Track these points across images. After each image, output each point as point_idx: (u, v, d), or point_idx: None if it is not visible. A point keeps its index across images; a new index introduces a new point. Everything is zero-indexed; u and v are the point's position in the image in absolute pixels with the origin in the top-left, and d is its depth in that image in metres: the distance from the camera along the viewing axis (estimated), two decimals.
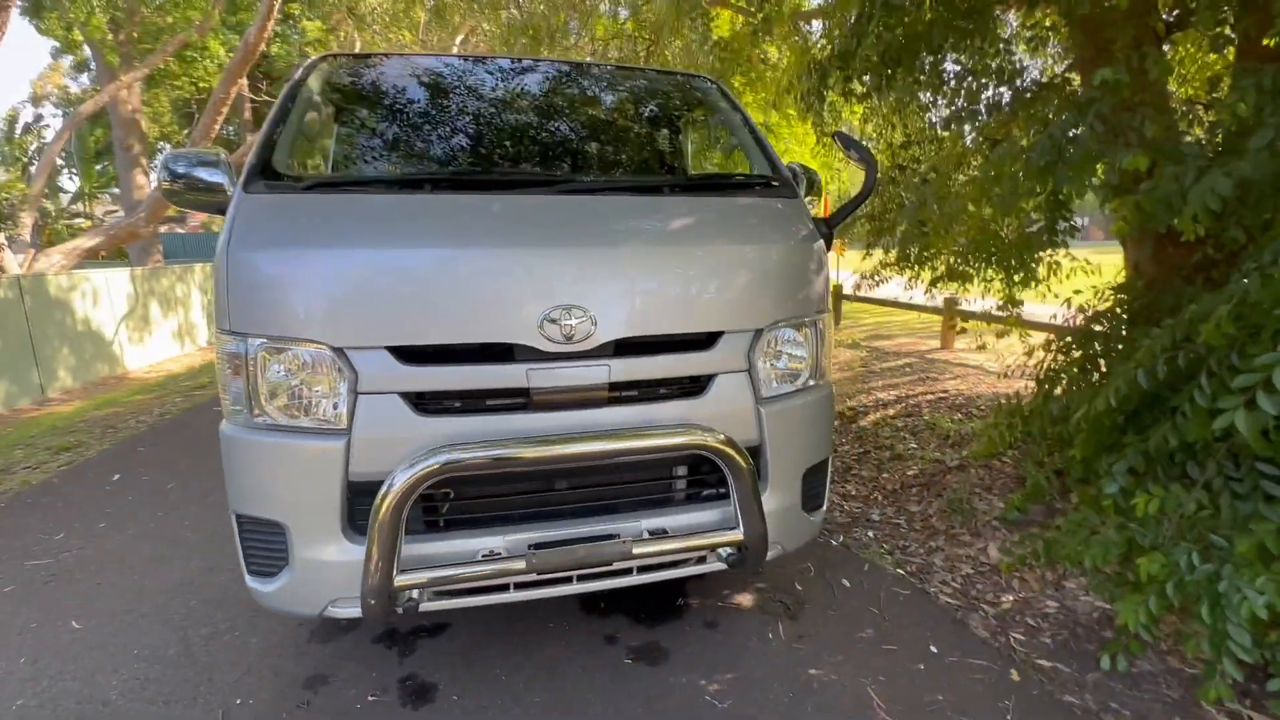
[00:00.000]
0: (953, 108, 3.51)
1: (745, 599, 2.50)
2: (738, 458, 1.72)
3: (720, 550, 1.83)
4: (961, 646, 2.23)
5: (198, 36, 14.02)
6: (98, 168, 23.81)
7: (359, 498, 1.66)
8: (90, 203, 25.45)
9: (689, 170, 2.73)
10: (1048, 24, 3.51)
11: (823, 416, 2.05)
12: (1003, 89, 3.32)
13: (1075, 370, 3.02)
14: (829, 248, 2.08)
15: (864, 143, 5.05)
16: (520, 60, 2.51)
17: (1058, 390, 3.08)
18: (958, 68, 3.40)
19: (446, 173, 2.05)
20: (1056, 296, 3.78)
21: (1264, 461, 2.08)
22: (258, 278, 1.62)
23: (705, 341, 1.82)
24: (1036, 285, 3.48)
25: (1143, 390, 2.34)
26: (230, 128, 18.99)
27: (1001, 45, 3.18)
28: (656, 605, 2.44)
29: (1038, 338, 3.99)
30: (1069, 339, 3.19)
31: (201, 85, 17.08)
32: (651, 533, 1.79)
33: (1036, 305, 4.00)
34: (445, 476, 1.55)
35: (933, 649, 2.21)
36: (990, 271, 3.57)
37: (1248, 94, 2.26)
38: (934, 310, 7.61)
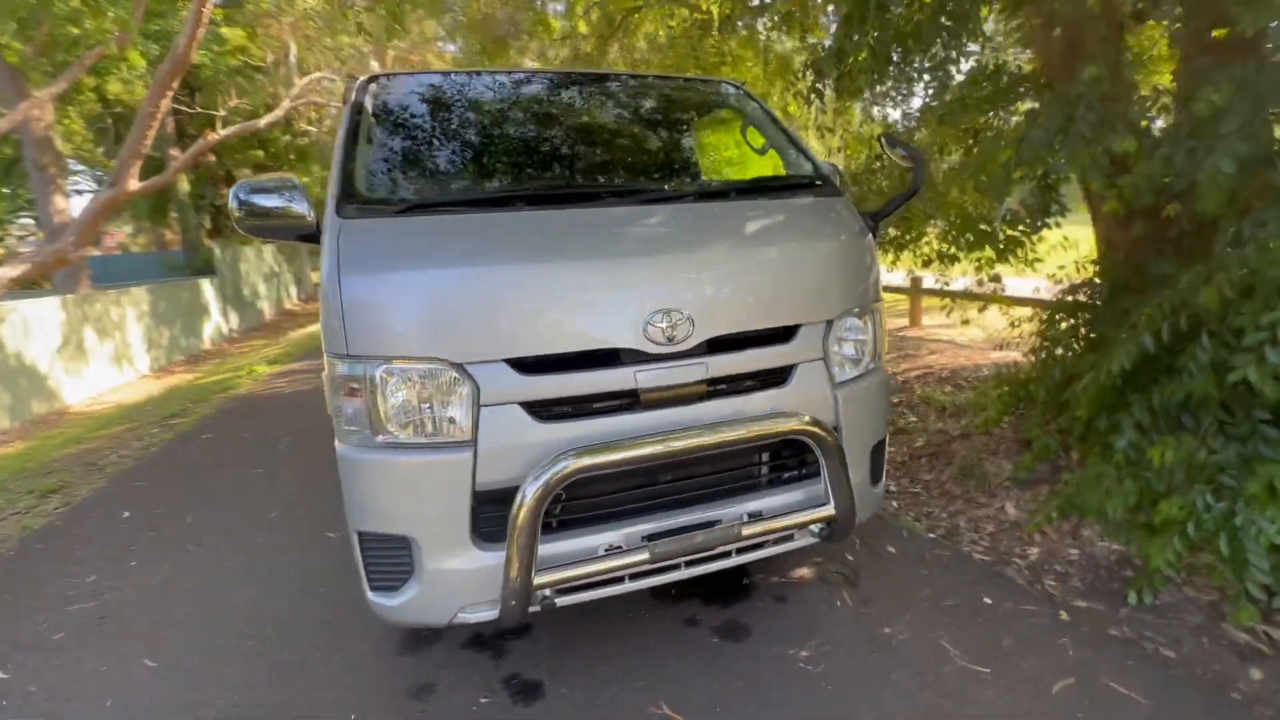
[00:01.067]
0: (937, 101, 3.75)
1: (805, 573, 2.66)
2: (829, 439, 1.87)
3: (812, 526, 1.97)
4: (1010, 596, 2.45)
5: (117, 49, 13.28)
6: (5, 190, 22.18)
7: (483, 506, 1.73)
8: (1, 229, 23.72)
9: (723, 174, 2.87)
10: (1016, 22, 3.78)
11: (883, 396, 2.22)
12: (985, 83, 3.58)
13: (1070, 338, 3.31)
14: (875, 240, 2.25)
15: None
16: (562, 73, 2.58)
17: (1058, 353, 3.35)
18: (939, 63, 3.63)
19: (530, 189, 2.11)
20: (1036, 271, 4.10)
21: (1261, 409, 2.36)
22: (375, 302, 1.67)
23: (786, 334, 1.96)
24: (1031, 263, 3.77)
25: (1145, 353, 2.59)
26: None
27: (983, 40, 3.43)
28: (724, 587, 2.57)
29: (1018, 311, 4.32)
30: (1055, 312, 3.48)
31: (118, 99, 16.17)
32: (750, 516, 1.93)
33: (1015, 279, 4.31)
34: (578, 478, 1.64)
35: (986, 600, 2.42)
36: (978, 251, 3.83)
37: (1223, 86, 2.53)
38: (898, 289, 7.99)
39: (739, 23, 8.30)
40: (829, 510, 1.93)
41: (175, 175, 13.95)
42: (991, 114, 3.94)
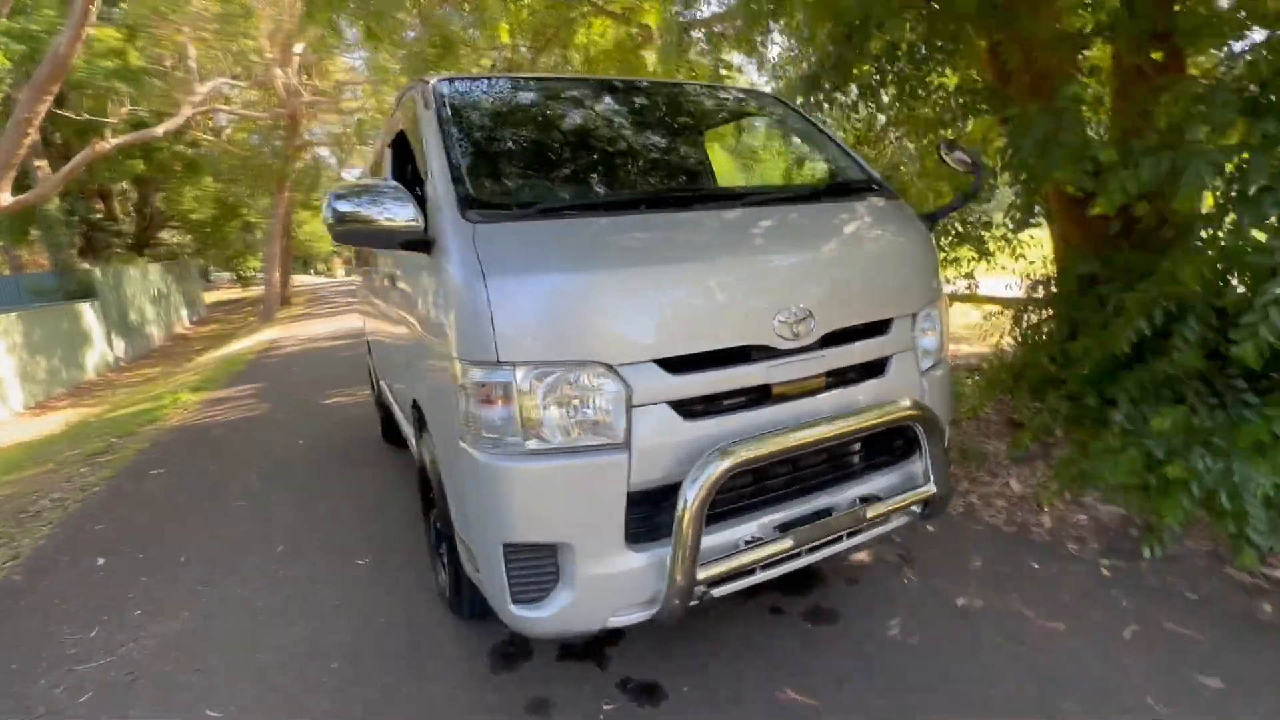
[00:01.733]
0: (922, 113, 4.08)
1: (862, 557, 2.80)
2: (935, 422, 2.01)
3: (914, 506, 2.11)
4: (1050, 559, 2.70)
5: None
6: None
7: (634, 507, 1.73)
8: None
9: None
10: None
11: (950, 383, 2.41)
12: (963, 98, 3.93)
13: (1053, 326, 3.68)
14: None
15: None
16: (629, 80, 2.61)
17: (1043, 340, 3.72)
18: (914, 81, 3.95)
19: (639, 193, 2.13)
20: (1004, 269, 4.51)
21: (1239, 379, 2.74)
22: (527, 305, 1.65)
23: (883, 327, 2.09)
24: (1017, 257, 4.15)
25: (1140, 334, 2.94)
26: None
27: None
28: (794, 576, 2.65)
29: (991, 307, 4.74)
30: (1038, 305, 3.87)
31: None
32: (863, 499, 2.03)
33: (986, 279, 4.72)
34: (735, 472, 1.68)
35: (1034, 565, 2.66)
36: (960, 251, 4.18)
37: (1183, 99, 2.93)
38: None
39: (690, 34, 8.53)
40: (930, 489, 2.08)
41: (55, 189, 12.53)
42: (957, 123, 4.33)
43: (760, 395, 1.87)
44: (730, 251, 1.87)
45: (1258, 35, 3.07)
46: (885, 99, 3.90)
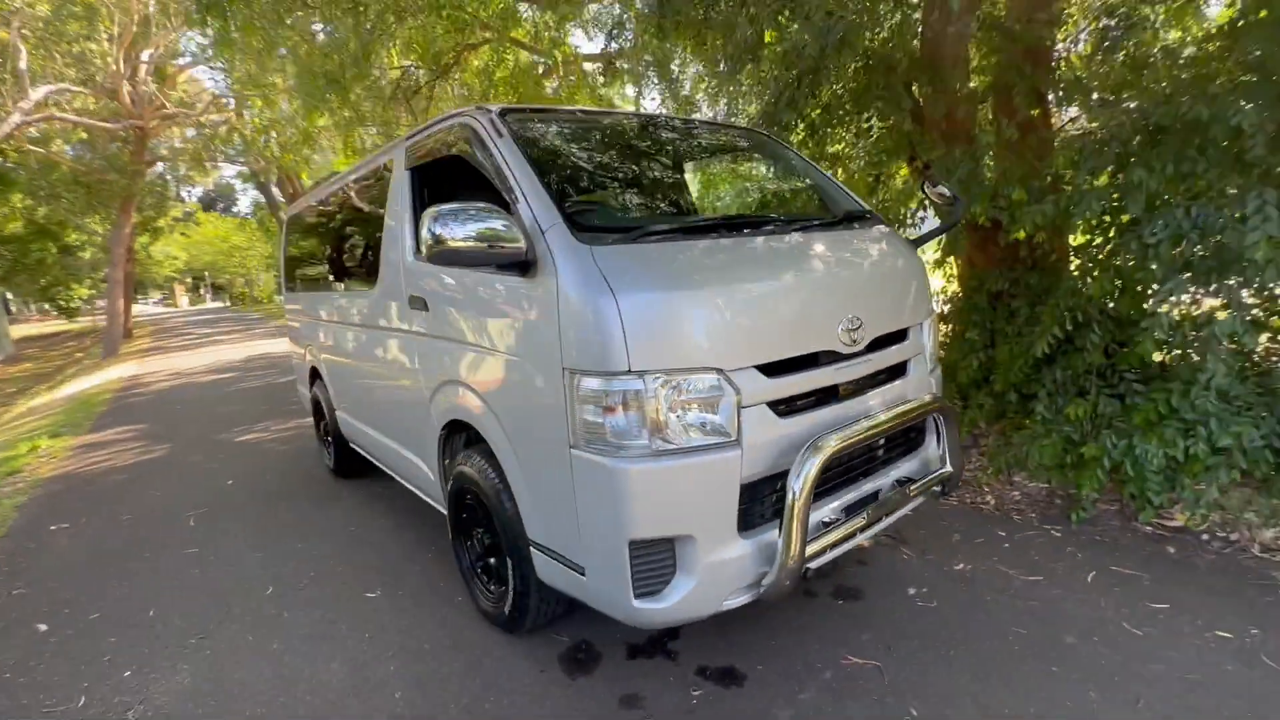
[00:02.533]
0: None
1: (861, 541, 3.15)
2: (952, 412, 2.39)
3: (935, 487, 2.47)
4: (1010, 528, 3.21)
5: None
6: None
7: (742, 498, 1.93)
8: None
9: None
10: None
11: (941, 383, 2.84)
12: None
13: (973, 336, 4.34)
14: None
15: None
16: (667, 117, 2.82)
17: (966, 347, 4.36)
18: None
19: (713, 218, 2.33)
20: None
21: (1129, 371, 3.44)
22: (656, 318, 1.81)
23: (904, 335, 2.45)
24: (947, 277, 4.80)
25: (1055, 339, 3.59)
26: None
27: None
28: None
29: None
30: (957, 320, 4.52)
31: None
32: (899, 481, 2.37)
33: None
34: (831, 461, 1.93)
35: (999, 533, 3.15)
36: None
37: (1071, 148, 3.66)
38: None
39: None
40: (949, 470, 2.46)
41: None
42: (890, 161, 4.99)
43: (828, 394, 2.15)
44: (800, 269, 2.16)
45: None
46: (829, 137, 4.46)
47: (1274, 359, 3.43)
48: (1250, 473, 3.03)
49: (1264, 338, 3.34)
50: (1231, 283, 2.95)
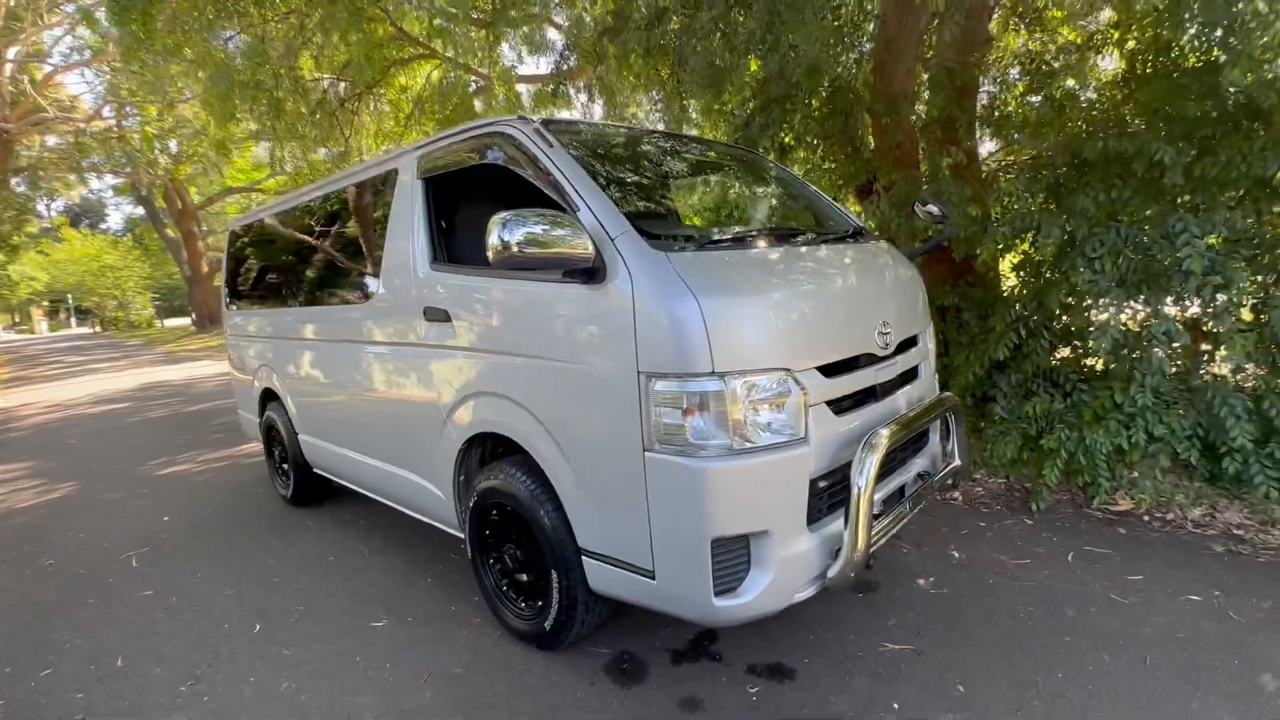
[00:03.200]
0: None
1: None
2: (962, 411, 2.61)
3: (948, 479, 2.67)
4: (987, 519, 3.49)
5: None
6: None
7: (810, 493, 2.02)
8: None
9: None
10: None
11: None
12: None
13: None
14: None
15: None
16: (697, 137, 2.90)
17: None
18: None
19: (757, 228, 2.42)
20: None
21: (1075, 374, 3.86)
22: (736, 322, 1.88)
23: (916, 340, 2.66)
24: None
25: (1010, 347, 3.96)
26: None
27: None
28: None
29: None
30: None
31: None
32: (919, 475, 2.54)
33: None
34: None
35: (980, 524, 3.42)
36: None
37: (1016, 182, 4.10)
38: None
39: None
40: (959, 463, 2.66)
41: None
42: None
43: (867, 394, 2.29)
44: (844, 277, 2.30)
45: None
46: (795, 160, 4.75)
47: (1198, 359, 3.94)
48: (1183, 458, 3.47)
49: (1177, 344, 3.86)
50: (1155, 294, 3.41)
